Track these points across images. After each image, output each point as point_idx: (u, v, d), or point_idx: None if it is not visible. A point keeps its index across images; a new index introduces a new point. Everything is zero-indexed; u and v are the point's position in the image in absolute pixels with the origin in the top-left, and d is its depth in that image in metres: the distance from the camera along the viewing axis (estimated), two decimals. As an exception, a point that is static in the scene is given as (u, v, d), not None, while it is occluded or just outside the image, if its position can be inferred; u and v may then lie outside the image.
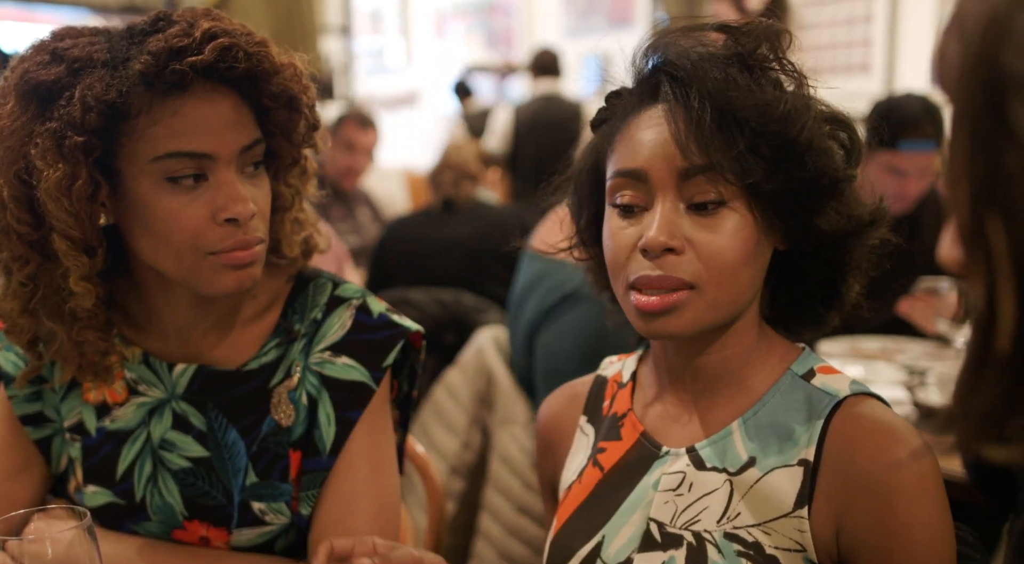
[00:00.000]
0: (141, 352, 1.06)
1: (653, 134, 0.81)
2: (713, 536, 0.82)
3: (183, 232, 0.93)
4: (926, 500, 0.77)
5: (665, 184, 0.80)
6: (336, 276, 1.12)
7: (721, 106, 0.78)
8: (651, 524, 0.85)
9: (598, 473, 0.92)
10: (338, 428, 1.02)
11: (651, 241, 0.79)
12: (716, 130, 0.78)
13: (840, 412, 0.81)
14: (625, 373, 0.97)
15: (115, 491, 1.05)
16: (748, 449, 0.83)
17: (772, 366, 0.87)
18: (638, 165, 0.81)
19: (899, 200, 2.26)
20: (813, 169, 0.80)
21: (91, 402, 1.07)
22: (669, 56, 0.83)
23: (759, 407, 0.85)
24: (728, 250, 0.79)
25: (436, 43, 7.73)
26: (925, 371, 1.86)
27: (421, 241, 2.84)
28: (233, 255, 0.95)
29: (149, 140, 0.90)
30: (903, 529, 0.76)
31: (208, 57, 0.88)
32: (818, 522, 0.79)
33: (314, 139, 1.04)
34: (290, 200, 1.07)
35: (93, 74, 0.89)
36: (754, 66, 0.82)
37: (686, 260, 0.79)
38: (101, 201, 0.94)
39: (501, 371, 2.18)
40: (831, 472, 0.79)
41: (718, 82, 0.79)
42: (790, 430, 0.82)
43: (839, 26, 4.26)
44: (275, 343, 1.05)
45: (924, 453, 0.78)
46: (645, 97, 0.84)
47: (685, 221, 0.80)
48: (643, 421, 0.91)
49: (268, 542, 1.04)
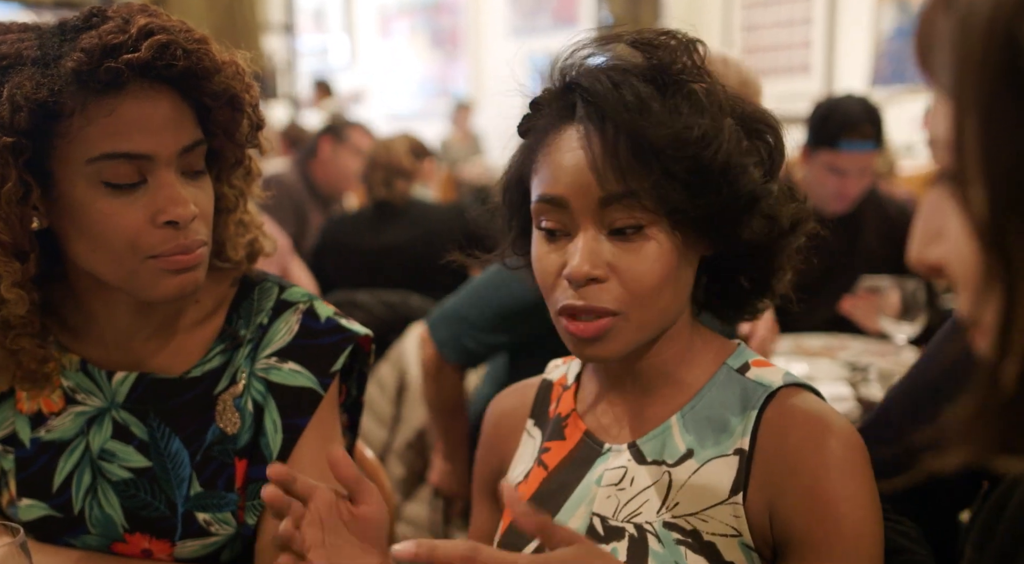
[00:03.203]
0: (79, 360, 1.03)
1: (572, 160, 0.81)
2: (653, 526, 0.84)
3: (121, 236, 0.90)
4: (852, 479, 0.80)
5: (585, 212, 0.81)
6: (283, 280, 1.09)
7: (635, 135, 0.79)
8: (594, 518, 0.87)
9: (543, 472, 0.93)
10: (285, 435, 1.00)
11: (575, 272, 0.80)
12: (631, 158, 0.79)
13: (774, 402, 0.84)
14: (570, 376, 0.99)
15: (51, 504, 1.01)
16: (686, 441, 0.86)
17: (708, 362, 0.89)
18: (558, 192, 0.82)
19: (840, 199, 2.31)
20: (729, 190, 0.81)
21: (25, 412, 1.03)
22: (582, 79, 0.82)
23: (696, 401, 0.87)
24: (649, 274, 0.81)
25: (381, 42, 7.67)
26: (867, 367, 1.90)
27: (358, 248, 2.77)
28: (173, 259, 0.92)
29: (84, 141, 0.87)
30: (831, 507, 0.79)
31: (145, 55, 0.85)
32: (753, 508, 0.82)
33: (258, 139, 1.01)
34: (234, 201, 1.04)
35: (23, 72, 0.85)
36: (668, 83, 0.82)
37: (608, 288, 0.81)
38: (33, 204, 0.90)
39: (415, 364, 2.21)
40: (764, 459, 0.82)
41: (632, 110, 0.79)
42: (726, 421, 0.85)
43: (780, 28, 4.33)
44: (220, 349, 1.03)
45: (851, 437, 0.81)
46: (564, 113, 0.84)
47: (606, 247, 0.81)
48: (585, 420, 0.93)
49: (213, 553, 1.02)
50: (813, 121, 2.32)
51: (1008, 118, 0.41)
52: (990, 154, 0.41)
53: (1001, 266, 0.42)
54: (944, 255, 0.47)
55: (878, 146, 2.28)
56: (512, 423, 1.01)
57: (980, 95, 0.41)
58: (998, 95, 0.41)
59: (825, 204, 2.34)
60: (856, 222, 2.37)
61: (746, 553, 0.81)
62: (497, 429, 1.03)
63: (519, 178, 0.89)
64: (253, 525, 1.00)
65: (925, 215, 0.49)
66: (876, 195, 2.42)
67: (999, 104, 0.41)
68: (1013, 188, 0.41)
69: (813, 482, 0.80)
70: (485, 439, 1.04)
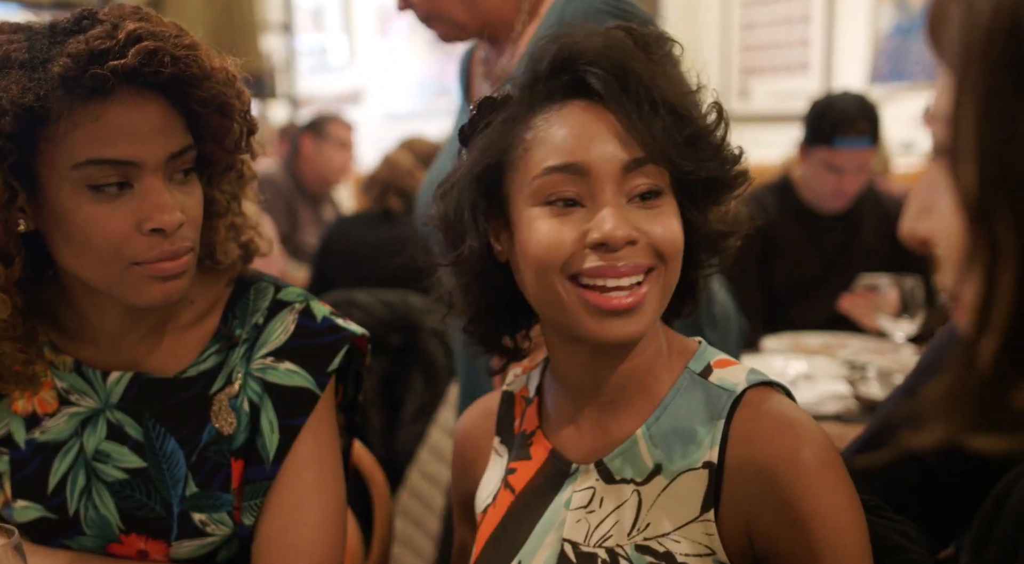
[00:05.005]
0: (72, 360, 1.02)
1: (587, 129, 0.80)
2: (625, 550, 0.82)
3: (106, 241, 0.89)
4: (830, 488, 0.78)
5: (607, 179, 0.80)
6: (279, 279, 1.09)
7: (652, 95, 0.80)
8: (565, 545, 0.85)
9: (510, 495, 0.91)
10: (282, 435, 0.99)
11: (612, 235, 0.78)
12: (652, 123, 0.79)
13: (740, 409, 0.82)
14: (531, 387, 0.96)
15: (46, 505, 1.01)
16: (653, 456, 0.84)
17: (672, 366, 0.87)
18: (578, 159, 0.80)
19: (837, 196, 2.31)
20: (721, 158, 0.84)
21: (19, 413, 1.03)
22: (588, 52, 0.82)
23: (660, 412, 0.85)
24: (677, 235, 0.82)
25: (379, 41, 7.66)
26: (866, 365, 1.90)
27: (364, 243, 2.80)
28: (158, 266, 0.91)
29: (70, 146, 0.87)
30: (813, 519, 0.77)
31: (131, 61, 0.85)
32: (727, 524, 0.80)
33: (251, 145, 1.00)
34: (225, 206, 1.04)
35: (10, 75, 0.85)
36: (657, 57, 0.84)
37: (640, 249, 0.80)
38: (19, 207, 0.90)
39: None
40: (736, 475, 0.80)
41: (646, 77, 0.80)
42: (692, 432, 0.83)
43: (778, 26, 4.32)
44: (215, 349, 1.02)
45: (823, 443, 0.80)
46: (561, 89, 0.83)
47: (631, 213, 0.80)
48: (550, 437, 0.91)
49: (209, 554, 1.01)
50: (809, 118, 2.32)
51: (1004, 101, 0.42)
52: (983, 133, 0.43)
53: (984, 243, 0.43)
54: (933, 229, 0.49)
55: (874, 143, 2.28)
56: (478, 442, 0.99)
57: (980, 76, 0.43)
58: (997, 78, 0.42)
59: (823, 201, 2.34)
60: (854, 220, 2.37)
61: None
62: (464, 450, 1.00)
63: (491, 164, 0.84)
64: (250, 525, 1.00)
65: (920, 189, 0.50)
66: (874, 192, 2.42)
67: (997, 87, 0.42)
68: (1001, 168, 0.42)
69: (791, 497, 0.78)
70: (456, 461, 1.02)
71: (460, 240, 0.87)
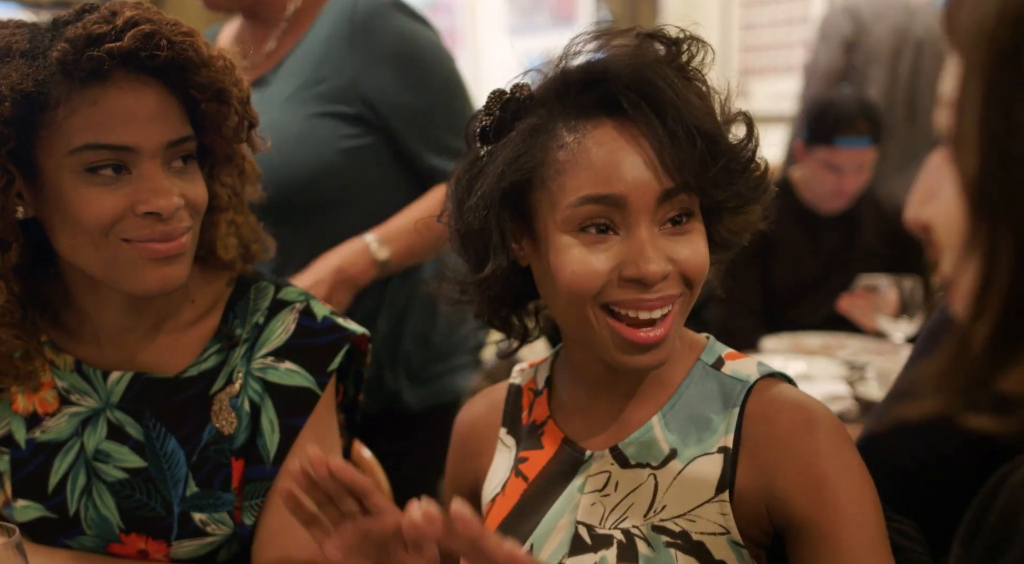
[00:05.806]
0: (73, 360, 1.02)
1: (623, 156, 0.79)
2: (641, 530, 0.84)
3: (97, 221, 0.89)
4: (843, 460, 0.82)
5: (644, 209, 0.80)
6: (279, 278, 1.09)
7: (689, 128, 0.79)
8: (580, 527, 0.86)
9: (522, 483, 0.91)
10: (282, 435, 0.99)
11: (650, 273, 0.79)
12: (688, 151, 0.79)
13: (753, 396, 0.85)
14: (539, 379, 0.96)
15: (47, 505, 1.01)
16: (669, 441, 0.86)
17: (684, 358, 0.90)
18: (614, 191, 0.79)
19: (837, 196, 2.31)
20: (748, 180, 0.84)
21: (20, 412, 1.03)
22: (620, 72, 0.81)
23: (676, 399, 0.87)
24: (705, 259, 0.83)
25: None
26: (865, 366, 1.90)
27: None
28: (151, 246, 0.91)
29: (67, 131, 0.87)
30: (828, 485, 0.80)
31: (127, 44, 0.85)
32: (743, 503, 0.82)
33: (251, 136, 1.01)
34: (226, 200, 1.04)
35: (10, 64, 0.86)
36: (691, 76, 0.84)
37: (672, 281, 0.82)
38: (16, 192, 0.90)
39: None
40: (752, 452, 0.83)
41: (682, 102, 0.80)
42: (708, 419, 0.85)
43: (778, 27, 4.33)
44: (215, 349, 1.02)
45: (835, 422, 0.84)
46: (593, 106, 0.81)
47: (662, 242, 0.81)
48: (562, 427, 0.91)
49: (210, 554, 1.01)
50: (809, 118, 2.32)
51: (1008, 91, 0.43)
52: (986, 120, 0.44)
53: (983, 229, 0.45)
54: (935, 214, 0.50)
55: (875, 142, 2.28)
56: (483, 433, 0.98)
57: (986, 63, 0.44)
58: (1003, 66, 0.43)
59: (823, 201, 2.34)
60: (854, 220, 2.37)
61: (735, 550, 0.81)
62: (467, 441, 0.99)
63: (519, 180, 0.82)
64: (250, 525, 1.00)
65: (924, 176, 0.51)
66: (874, 193, 2.42)
67: (1002, 74, 0.43)
68: (1002, 155, 0.44)
69: (806, 465, 0.81)
70: (456, 451, 1.01)
71: (484, 255, 0.86)
